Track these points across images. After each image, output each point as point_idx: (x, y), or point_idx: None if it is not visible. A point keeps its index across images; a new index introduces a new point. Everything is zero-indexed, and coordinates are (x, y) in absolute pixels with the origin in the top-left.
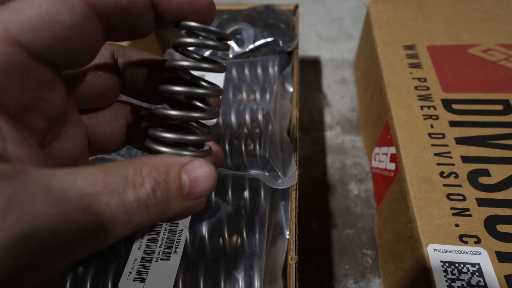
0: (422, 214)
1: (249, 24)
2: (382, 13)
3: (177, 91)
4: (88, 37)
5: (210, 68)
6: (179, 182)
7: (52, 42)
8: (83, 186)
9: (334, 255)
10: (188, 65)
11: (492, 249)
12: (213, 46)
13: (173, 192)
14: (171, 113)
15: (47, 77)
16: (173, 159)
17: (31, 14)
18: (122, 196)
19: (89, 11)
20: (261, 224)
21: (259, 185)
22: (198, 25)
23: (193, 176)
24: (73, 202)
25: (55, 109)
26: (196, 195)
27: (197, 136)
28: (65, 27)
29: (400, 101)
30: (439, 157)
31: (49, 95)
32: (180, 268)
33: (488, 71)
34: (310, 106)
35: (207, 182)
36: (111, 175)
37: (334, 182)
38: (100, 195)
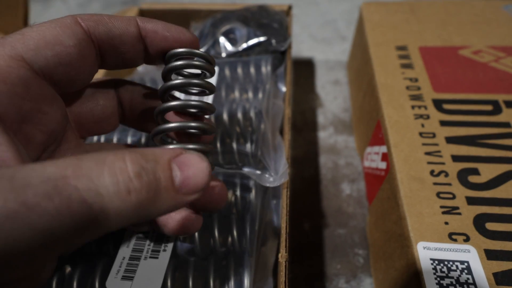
0: (412, 212)
1: (242, 24)
2: (374, 15)
3: (169, 127)
4: (84, 56)
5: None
6: (169, 172)
7: (53, 59)
8: (50, 172)
9: (326, 255)
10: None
11: (481, 247)
12: (199, 66)
13: (163, 180)
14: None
15: (47, 92)
16: (163, 150)
17: (36, 37)
18: (96, 180)
19: (85, 35)
20: (252, 223)
21: (250, 183)
22: (185, 50)
23: (185, 168)
24: (36, 187)
25: (53, 123)
26: (189, 189)
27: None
28: (65, 46)
29: (391, 101)
30: (430, 156)
31: (48, 109)
32: (169, 267)
33: (478, 72)
34: (304, 107)
35: (200, 176)
36: (85, 161)
37: (326, 182)
38: (69, 178)
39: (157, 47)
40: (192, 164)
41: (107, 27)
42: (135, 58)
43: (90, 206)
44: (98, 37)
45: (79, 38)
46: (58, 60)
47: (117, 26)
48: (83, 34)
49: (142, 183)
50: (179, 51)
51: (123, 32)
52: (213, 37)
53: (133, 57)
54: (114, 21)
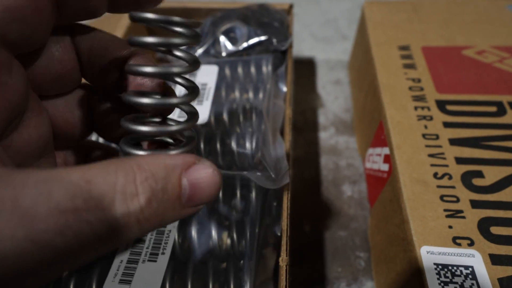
0: (415, 216)
1: (242, 23)
2: (376, 14)
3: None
4: (40, 9)
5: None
6: (179, 190)
7: (3, 15)
8: (59, 200)
9: (327, 257)
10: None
11: (486, 252)
12: (179, 44)
13: (171, 201)
14: (144, 101)
15: (3, 58)
16: (174, 160)
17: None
18: (107, 212)
19: None
20: (252, 225)
21: (251, 185)
22: (156, 17)
23: (194, 181)
24: (45, 220)
25: (16, 96)
26: (195, 203)
27: (180, 125)
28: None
29: (394, 101)
30: (433, 158)
31: (7, 79)
32: (168, 270)
33: (482, 72)
34: (304, 107)
35: (209, 189)
36: (95, 185)
37: (327, 183)
38: (81, 211)
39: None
40: (203, 178)
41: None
42: (97, 7)
43: (100, 238)
44: None
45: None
46: (10, 15)
47: None
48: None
49: (152, 211)
50: (151, 18)
51: None
52: (213, 36)
53: (95, 7)
54: None
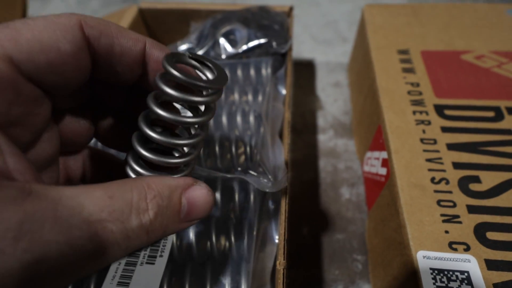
0: (413, 220)
1: (242, 25)
2: (376, 17)
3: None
4: (80, 67)
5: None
6: (179, 207)
7: (45, 66)
8: (90, 213)
9: (324, 260)
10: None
11: (482, 257)
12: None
13: (171, 216)
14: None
15: (37, 94)
16: (176, 181)
17: (31, 38)
18: (126, 223)
19: (84, 44)
20: (250, 228)
21: (249, 188)
22: (187, 80)
23: (192, 201)
24: (80, 229)
25: (42, 123)
26: (191, 218)
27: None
28: (61, 54)
29: (392, 105)
30: (431, 163)
31: (38, 110)
32: (166, 273)
33: (481, 77)
34: (303, 109)
35: (203, 207)
36: (116, 201)
37: (325, 186)
38: (106, 222)
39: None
40: (199, 198)
41: (110, 41)
42: (128, 80)
43: (119, 246)
44: (96, 49)
45: (78, 46)
46: (51, 68)
47: (122, 43)
48: (82, 41)
49: (157, 224)
50: (182, 79)
51: (125, 52)
52: (213, 38)
53: (127, 79)
54: (121, 36)
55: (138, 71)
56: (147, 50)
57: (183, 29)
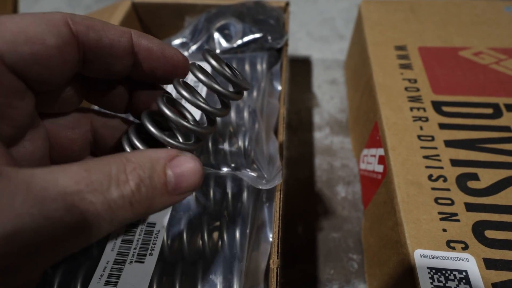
0: (409, 218)
1: (237, 19)
2: (373, 13)
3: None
4: (64, 61)
5: None
6: (164, 178)
7: (29, 57)
8: (66, 185)
9: (319, 259)
10: None
11: (480, 256)
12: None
13: (158, 188)
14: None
15: (18, 86)
16: (158, 154)
17: (15, 30)
18: (106, 194)
19: (72, 39)
20: (243, 226)
21: (242, 185)
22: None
23: (178, 171)
24: (55, 200)
25: (23, 117)
26: (181, 190)
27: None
28: (46, 46)
29: (389, 102)
30: (428, 160)
31: (19, 103)
32: (156, 272)
33: (479, 74)
34: (299, 106)
35: (192, 178)
36: (94, 173)
37: (321, 184)
38: (84, 193)
39: (147, 65)
40: (185, 168)
41: (98, 34)
42: (120, 72)
43: (103, 218)
44: (86, 43)
45: (64, 41)
46: (35, 60)
47: (109, 35)
48: (69, 36)
49: (142, 195)
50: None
51: (113, 44)
52: (207, 33)
53: (119, 71)
54: (107, 29)
55: (129, 61)
56: (135, 40)
57: (178, 24)
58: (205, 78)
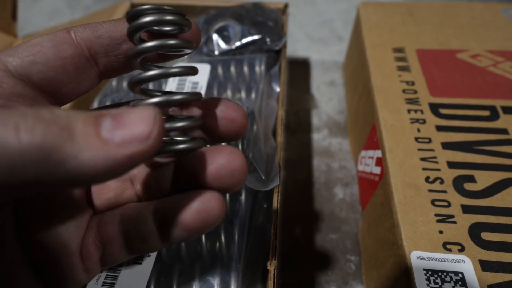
0: (406, 220)
1: (236, 21)
2: (372, 16)
3: None
4: (62, 57)
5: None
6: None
7: (49, 74)
8: None
9: (317, 261)
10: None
11: (476, 258)
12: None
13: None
14: None
15: (21, 90)
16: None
17: (30, 52)
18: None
19: (69, 38)
20: (241, 228)
21: None
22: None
23: (116, 116)
24: None
25: None
26: (123, 137)
27: None
28: (61, 59)
29: (387, 104)
30: (425, 162)
31: None
32: (153, 273)
33: (476, 76)
34: (298, 107)
35: (139, 123)
36: None
37: (319, 185)
38: None
39: None
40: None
41: (92, 28)
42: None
43: None
44: (84, 37)
45: (77, 55)
46: (33, 59)
47: (104, 25)
48: (77, 48)
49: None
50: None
51: (110, 29)
52: (206, 34)
53: None
54: (100, 23)
55: None
56: None
57: None
58: None
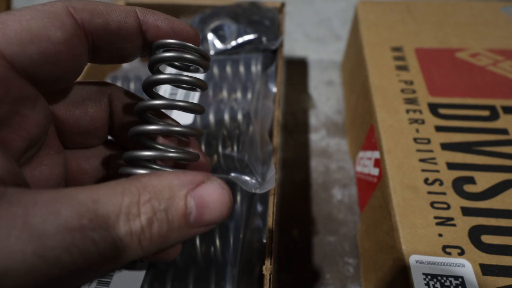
0: (405, 223)
1: (232, 20)
2: (370, 14)
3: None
4: (74, 55)
5: (185, 106)
6: (185, 210)
7: (38, 57)
8: (67, 219)
9: (315, 264)
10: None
11: (476, 261)
12: (192, 60)
13: (176, 222)
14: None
15: (29, 92)
16: (180, 179)
17: (19, 29)
18: (111, 231)
19: (78, 29)
20: (236, 231)
21: (236, 189)
22: (176, 42)
23: (201, 201)
24: (53, 238)
25: (34, 128)
26: (203, 223)
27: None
28: (53, 43)
29: (385, 104)
30: (424, 163)
31: (29, 112)
32: (146, 278)
33: (476, 75)
34: (295, 108)
35: (218, 208)
36: (101, 206)
37: (317, 186)
38: (86, 230)
39: None
40: (211, 197)
41: (104, 19)
42: (132, 53)
43: (104, 256)
44: (93, 31)
45: (70, 33)
46: (44, 59)
47: (114, 18)
48: (75, 27)
49: (154, 231)
50: (169, 42)
51: (121, 26)
52: (201, 34)
53: (130, 53)
54: (111, 12)
55: (139, 42)
56: (142, 18)
57: None
58: None
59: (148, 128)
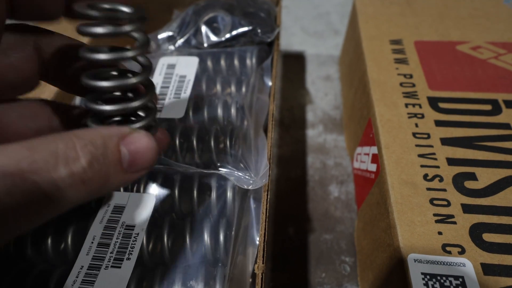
0: (403, 221)
1: (227, 12)
2: (368, 7)
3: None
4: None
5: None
6: (118, 155)
7: None
8: (3, 165)
9: (311, 262)
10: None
11: (477, 261)
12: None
13: (112, 165)
14: (107, 109)
15: None
16: (110, 131)
17: None
18: (53, 173)
19: None
20: (228, 229)
21: (227, 185)
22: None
23: (133, 148)
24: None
25: None
26: (136, 168)
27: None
28: None
29: (384, 98)
30: (423, 159)
31: None
32: (133, 277)
33: (477, 69)
34: (292, 103)
35: (148, 154)
36: (37, 152)
37: (313, 183)
38: (26, 173)
39: None
40: (140, 145)
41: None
42: (53, 11)
43: (49, 197)
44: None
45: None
46: None
47: None
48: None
49: (94, 172)
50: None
51: None
52: (194, 26)
53: (51, 10)
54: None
55: None
56: None
57: (166, 18)
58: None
59: (102, 84)
